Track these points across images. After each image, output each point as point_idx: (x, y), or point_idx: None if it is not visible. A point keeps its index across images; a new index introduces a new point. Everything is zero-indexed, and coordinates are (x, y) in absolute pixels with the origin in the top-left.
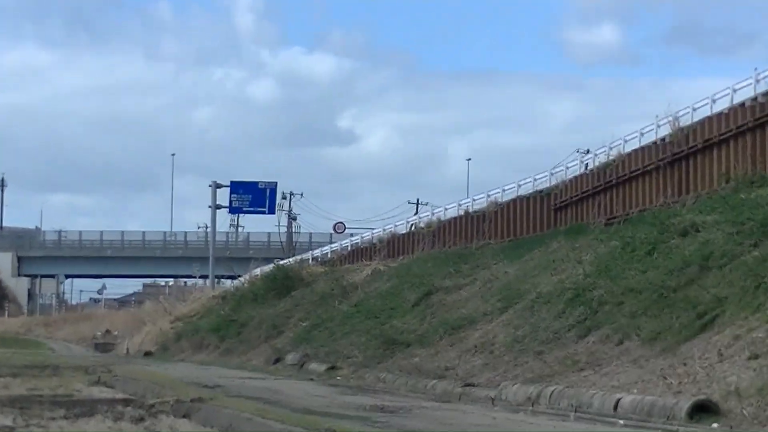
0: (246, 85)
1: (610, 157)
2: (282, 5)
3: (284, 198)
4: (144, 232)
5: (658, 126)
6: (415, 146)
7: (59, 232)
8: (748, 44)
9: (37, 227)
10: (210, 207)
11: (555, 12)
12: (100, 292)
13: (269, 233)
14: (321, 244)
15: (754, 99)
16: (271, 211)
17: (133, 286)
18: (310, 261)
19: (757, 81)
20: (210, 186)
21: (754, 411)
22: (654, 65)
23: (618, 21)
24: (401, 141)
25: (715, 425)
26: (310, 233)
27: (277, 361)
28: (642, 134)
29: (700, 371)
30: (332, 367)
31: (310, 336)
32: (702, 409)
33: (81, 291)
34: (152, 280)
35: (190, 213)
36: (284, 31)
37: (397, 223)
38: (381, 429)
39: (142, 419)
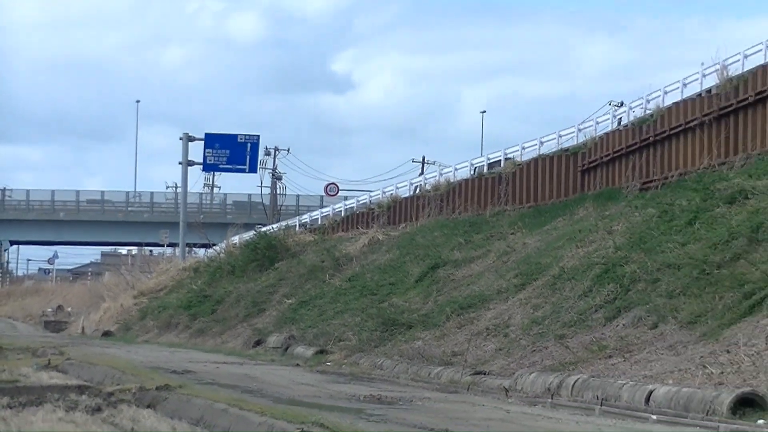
0: (225, 20)
1: (648, 111)
2: None
3: (268, 154)
4: (103, 192)
5: (704, 75)
6: (423, 95)
7: (2, 190)
8: None
9: None
10: (180, 164)
11: None
12: (50, 261)
13: (250, 195)
14: (310, 209)
15: None
16: (253, 170)
17: (90, 255)
18: (297, 228)
19: None
20: (181, 139)
21: None
22: (704, 2)
23: None
24: (407, 89)
25: (761, 422)
26: (298, 196)
27: (257, 343)
28: (684, 85)
29: (746, 360)
30: (321, 351)
31: (297, 315)
32: (747, 403)
33: (28, 260)
34: (112, 248)
35: (158, 170)
36: None
37: (399, 185)
38: (376, 423)
39: (99, 409)
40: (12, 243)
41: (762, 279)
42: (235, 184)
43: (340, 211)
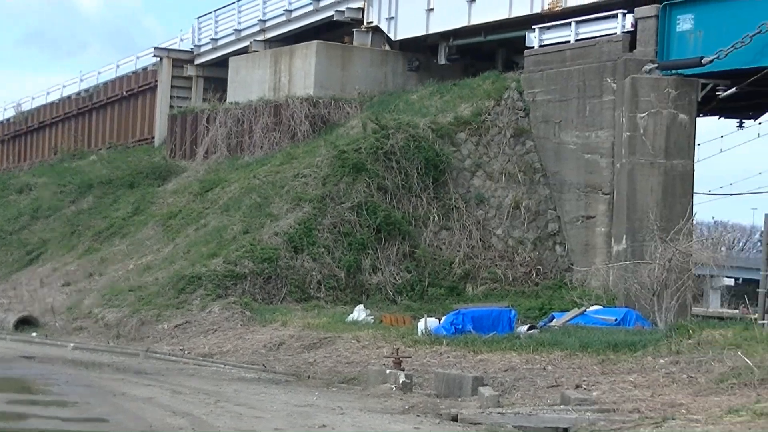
0: None
1: None
2: None
3: None
4: None
5: (5, 109)
6: None
7: None
8: (84, 50)
9: None
10: None
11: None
12: None
13: None
14: None
15: (78, 93)
16: None
17: None
18: None
19: (81, 80)
20: None
21: (63, 324)
22: (15, 62)
23: None
24: None
25: (34, 334)
26: None
27: None
28: None
29: (26, 294)
30: None
31: None
32: (26, 322)
33: None
34: None
35: None
36: None
37: None
38: None
39: None
40: None
41: (39, 242)
42: None
43: None
